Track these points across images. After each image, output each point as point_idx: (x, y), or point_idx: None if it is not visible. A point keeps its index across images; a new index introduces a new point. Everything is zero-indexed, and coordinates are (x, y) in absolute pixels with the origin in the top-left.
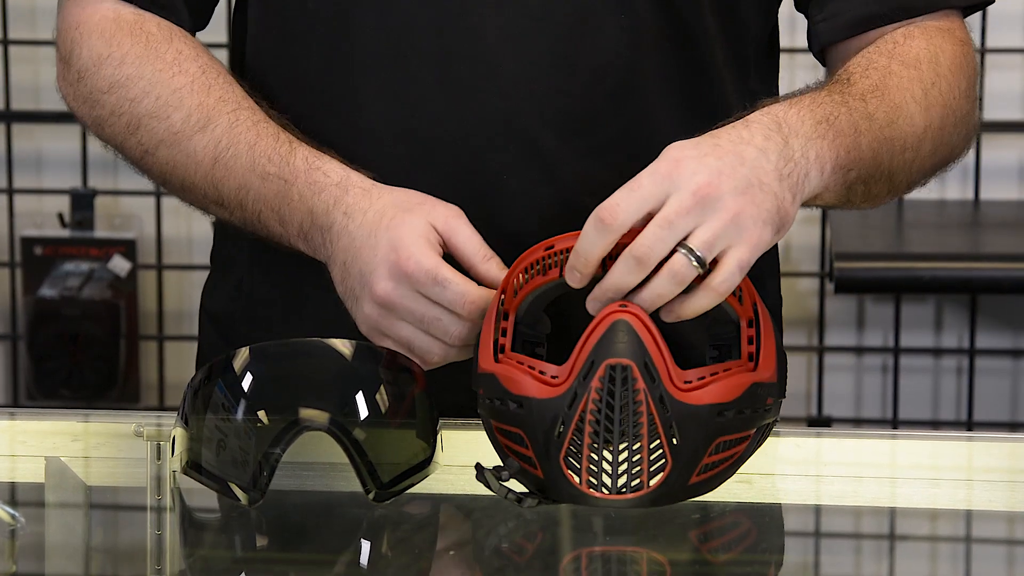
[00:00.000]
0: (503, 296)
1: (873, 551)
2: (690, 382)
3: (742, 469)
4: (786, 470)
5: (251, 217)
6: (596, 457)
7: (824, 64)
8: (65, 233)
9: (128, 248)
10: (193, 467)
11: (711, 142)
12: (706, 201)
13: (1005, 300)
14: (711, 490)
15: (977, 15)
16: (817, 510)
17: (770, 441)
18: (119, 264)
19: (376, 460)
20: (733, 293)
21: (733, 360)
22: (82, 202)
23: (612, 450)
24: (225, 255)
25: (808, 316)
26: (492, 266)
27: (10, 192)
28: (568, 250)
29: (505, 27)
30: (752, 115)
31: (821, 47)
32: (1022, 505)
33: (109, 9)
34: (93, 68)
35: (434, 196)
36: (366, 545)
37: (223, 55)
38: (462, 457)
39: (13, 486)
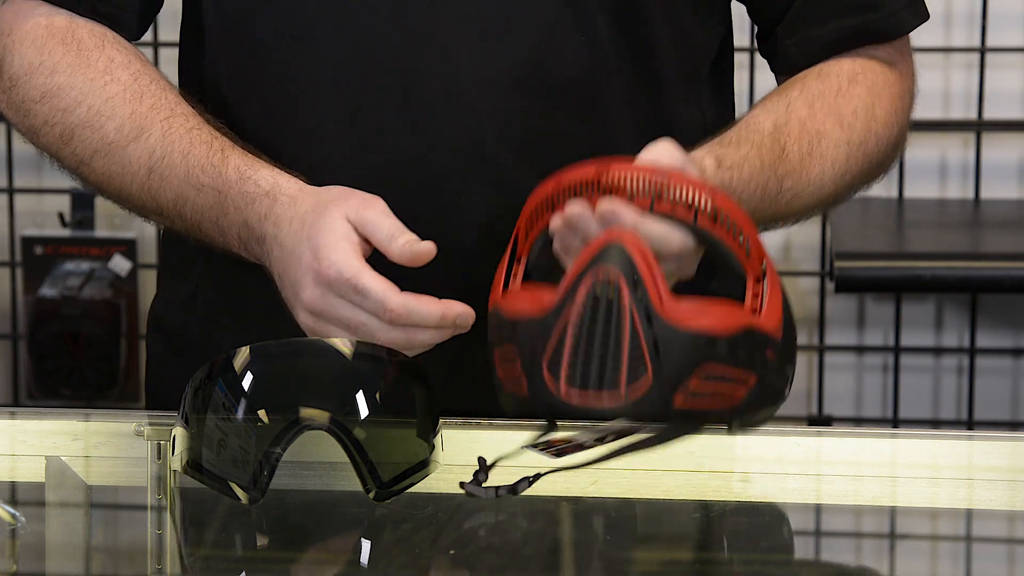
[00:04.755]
0: (516, 236)
1: (874, 550)
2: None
3: (742, 468)
4: (787, 469)
5: (191, 227)
6: (575, 360)
7: (778, 71)
8: (65, 232)
9: (128, 248)
10: (193, 466)
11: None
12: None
13: (1006, 299)
14: (700, 425)
15: (977, 15)
16: (818, 509)
17: (770, 440)
18: (119, 264)
19: (376, 459)
20: (741, 246)
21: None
22: (82, 201)
23: (592, 352)
24: (175, 265)
25: (808, 315)
26: (398, 243)
27: (10, 191)
28: (578, 184)
29: (467, 47)
30: (708, 173)
31: (790, 68)
32: (1022, 504)
33: (42, 16)
34: (25, 77)
35: (393, 215)
36: (366, 544)
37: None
38: (462, 456)
39: (13, 485)
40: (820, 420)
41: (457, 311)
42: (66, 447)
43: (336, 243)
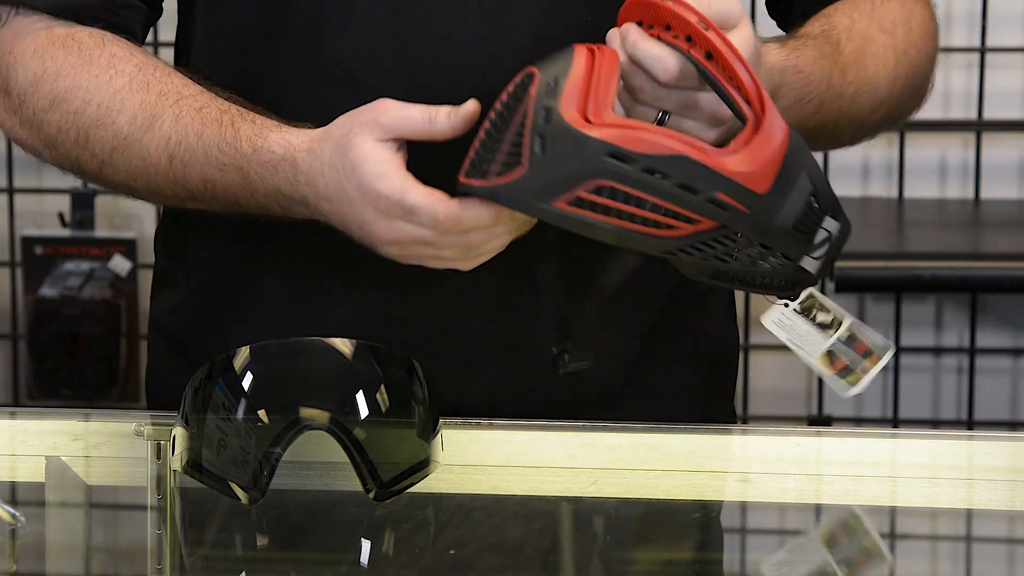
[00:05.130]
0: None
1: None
2: (617, 123)
3: (743, 467)
4: (787, 469)
5: (230, 205)
6: (473, 149)
7: (779, 19)
8: (65, 232)
9: (128, 247)
10: (193, 466)
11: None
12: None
13: (1006, 299)
14: (603, 238)
15: (977, 15)
16: (817, 509)
17: (770, 440)
18: (119, 263)
19: (376, 459)
20: (740, 94)
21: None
22: (82, 201)
23: (484, 141)
24: (172, 267)
25: None
26: (440, 123)
27: (10, 191)
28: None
29: (469, 37)
30: (768, 60)
31: (804, 12)
32: (1022, 504)
33: (42, 29)
34: (32, 89)
35: (406, 102)
36: (366, 544)
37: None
38: (462, 456)
39: (13, 485)
40: (820, 420)
41: (508, 213)
42: (66, 447)
43: (373, 171)
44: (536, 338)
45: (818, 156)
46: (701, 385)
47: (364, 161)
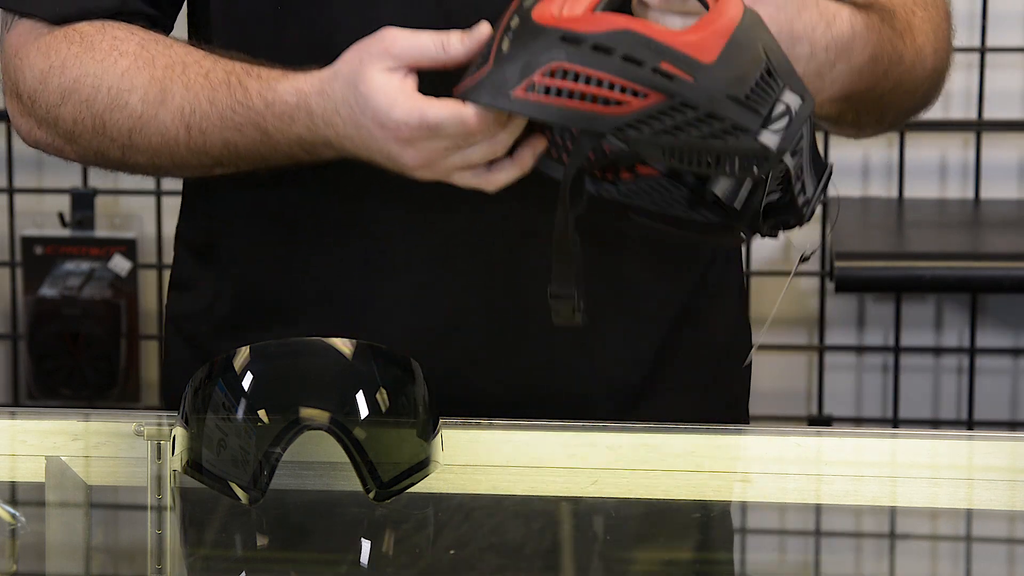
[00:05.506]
0: None
1: (874, 550)
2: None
3: (743, 467)
4: (787, 469)
5: (258, 163)
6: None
7: None
8: (65, 232)
9: (128, 247)
10: (193, 466)
11: (792, 10)
12: None
13: (1005, 299)
14: (558, 121)
15: (977, 15)
16: (818, 509)
17: (770, 440)
18: (119, 263)
19: (376, 459)
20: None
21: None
22: (82, 201)
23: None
24: (188, 278)
25: (808, 315)
26: (454, 48)
27: (10, 191)
28: None
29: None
30: (841, 17)
31: None
32: (1022, 504)
33: (45, 29)
34: (40, 85)
35: (412, 29)
36: (366, 544)
37: None
38: (462, 456)
39: (14, 485)
40: (820, 420)
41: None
42: (66, 447)
43: (385, 101)
44: (542, 337)
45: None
46: (718, 385)
47: (375, 93)
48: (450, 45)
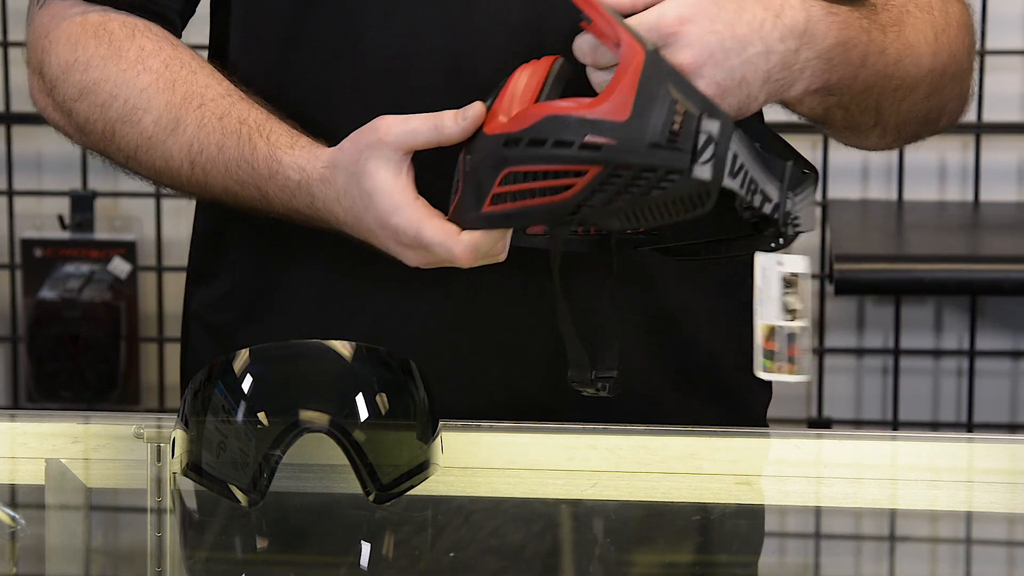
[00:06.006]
0: None
1: (873, 553)
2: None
3: (743, 470)
4: (786, 472)
5: (252, 211)
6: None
7: None
8: (65, 235)
9: (128, 250)
10: (193, 469)
11: (730, 15)
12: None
13: (1005, 302)
14: (525, 223)
15: (976, 16)
16: (817, 512)
17: (770, 442)
18: (119, 266)
19: (376, 462)
20: (607, 22)
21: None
22: (82, 204)
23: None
24: (211, 261)
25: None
26: (449, 128)
27: (10, 194)
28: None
29: (508, 29)
30: (790, 5)
31: None
32: (1022, 507)
33: (77, 14)
34: (62, 76)
35: (406, 116)
36: (366, 547)
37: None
38: (462, 459)
39: (13, 488)
40: (820, 422)
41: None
42: (66, 449)
43: (388, 205)
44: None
45: (815, 157)
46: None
47: (377, 193)
48: (444, 127)
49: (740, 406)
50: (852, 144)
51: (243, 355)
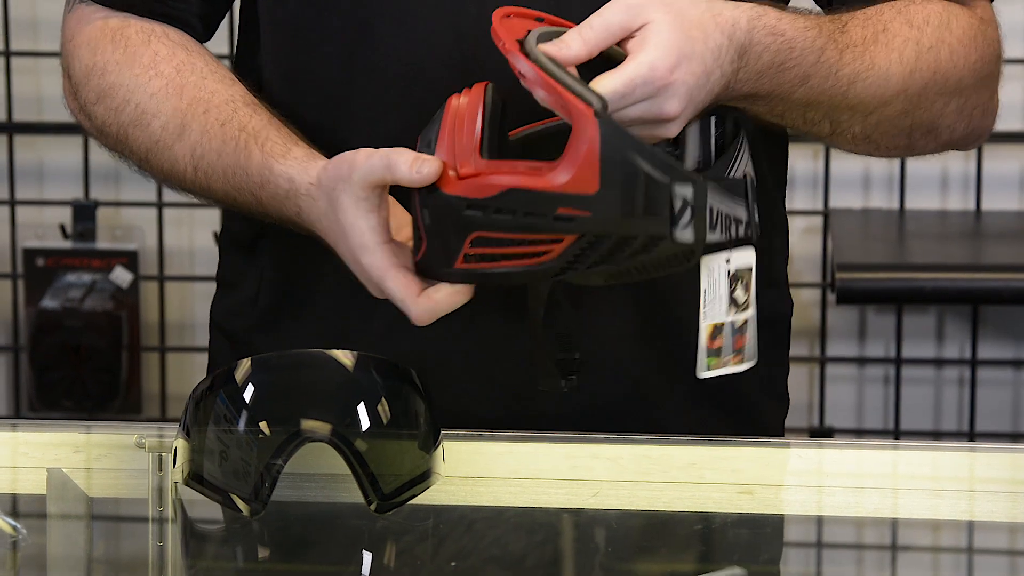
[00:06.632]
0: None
1: (875, 562)
2: (478, 173)
3: (744, 479)
4: (788, 481)
5: (256, 216)
6: None
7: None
8: (67, 244)
9: (130, 259)
10: (195, 478)
11: (699, 47)
12: (659, 117)
13: (1007, 311)
14: (503, 282)
15: None
16: (819, 521)
17: (772, 451)
18: (121, 275)
19: (378, 471)
20: (567, 90)
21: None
22: (84, 213)
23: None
24: (233, 270)
25: (810, 327)
26: (400, 173)
27: (12, 203)
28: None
29: None
30: (738, 25)
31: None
32: None
33: (99, 19)
34: (83, 80)
35: (374, 151)
36: (368, 556)
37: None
38: (464, 468)
39: (15, 497)
40: (821, 432)
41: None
42: (67, 459)
43: (359, 243)
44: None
45: (817, 166)
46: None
47: (350, 228)
48: (397, 170)
49: (757, 423)
50: (841, 147)
51: (245, 364)
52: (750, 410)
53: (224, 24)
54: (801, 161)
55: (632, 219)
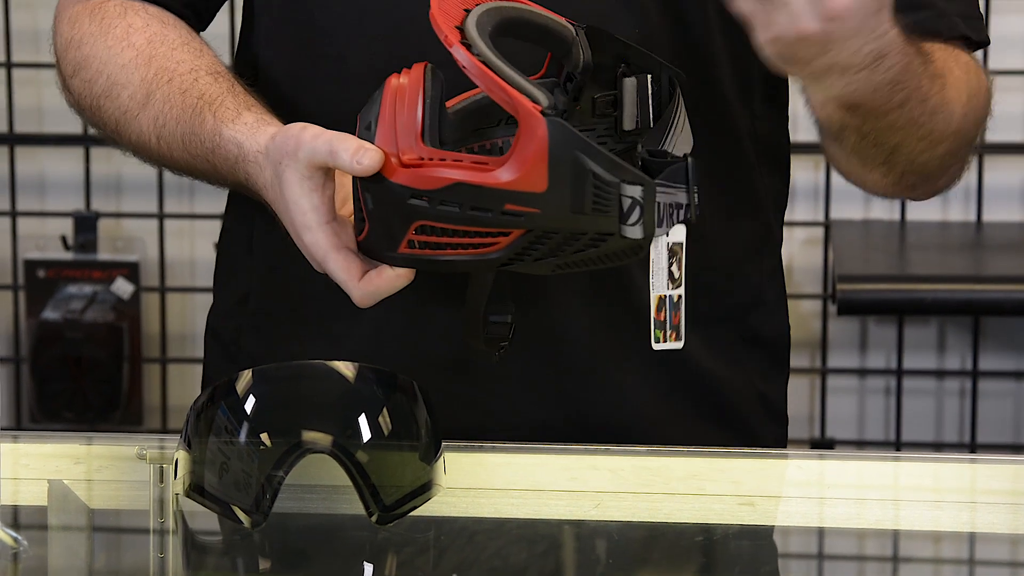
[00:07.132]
0: None
1: (877, 574)
2: (421, 160)
3: (745, 491)
4: (789, 492)
5: (215, 184)
6: None
7: None
8: (68, 256)
9: (131, 271)
10: (196, 490)
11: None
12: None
13: (1008, 322)
14: (448, 270)
15: None
16: (820, 532)
17: (773, 463)
18: (122, 287)
19: (379, 483)
20: (514, 87)
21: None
22: (85, 224)
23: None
24: (228, 271)
25: (811, 338)
26: (341, 160)
27: (13, 215)
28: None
29: None
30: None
31: None
32: None
33: None
34: (63, 53)
35: (323, 132)
36: (368, 568)
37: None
38: (465, 480)
39: (16, 509)
40: (822, 443)
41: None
42: (68, 470)
43: (301, 221)
44: (559, 362)
45: (818, 177)
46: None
47: (293, 205)
48: (339, 158)
49: (758, 440)
50: (851, 178)
51: (245, 376)
52: (750, 431)
53: (225, 15)
54: (802, 172)
55: (581, 217)
